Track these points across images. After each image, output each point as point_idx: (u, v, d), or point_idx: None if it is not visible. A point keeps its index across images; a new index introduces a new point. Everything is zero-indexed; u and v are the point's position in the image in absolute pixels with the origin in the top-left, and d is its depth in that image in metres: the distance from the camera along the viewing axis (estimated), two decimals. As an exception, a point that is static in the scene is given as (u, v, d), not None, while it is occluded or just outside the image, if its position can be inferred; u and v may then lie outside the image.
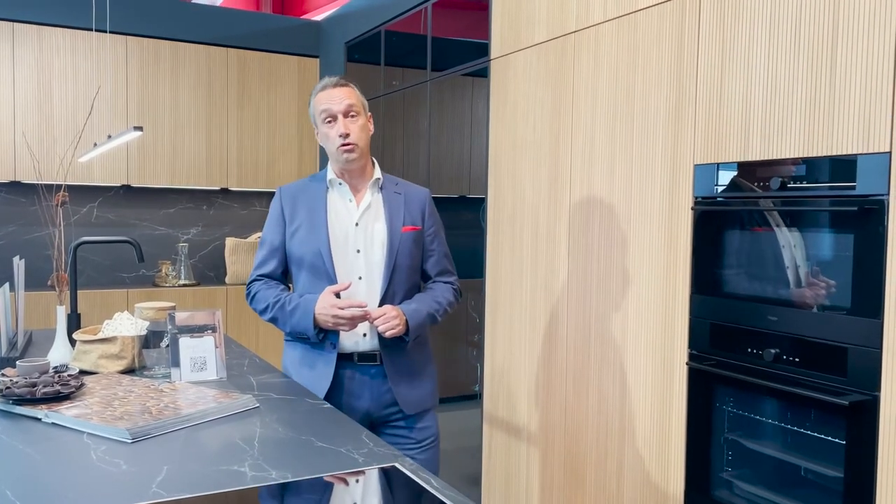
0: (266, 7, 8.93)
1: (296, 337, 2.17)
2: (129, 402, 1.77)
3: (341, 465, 1.42)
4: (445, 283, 2.25)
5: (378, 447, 1.53)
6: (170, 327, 2.09)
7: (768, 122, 1.96)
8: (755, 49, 2.00)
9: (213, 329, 2.12)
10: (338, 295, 2.04)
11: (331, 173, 2.17)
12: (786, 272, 1.95)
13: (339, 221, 2.13)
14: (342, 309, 1.99)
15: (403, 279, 2.14)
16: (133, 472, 1.36)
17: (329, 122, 2.11)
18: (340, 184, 2.16)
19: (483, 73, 3.27)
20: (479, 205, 3.35)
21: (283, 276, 2.22)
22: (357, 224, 2.13)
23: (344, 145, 2.09)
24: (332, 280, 2.08)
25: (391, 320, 2.01)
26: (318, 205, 2.14)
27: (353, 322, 2.01)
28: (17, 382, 1.78)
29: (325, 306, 2.01)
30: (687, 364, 2.21)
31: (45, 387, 1.77)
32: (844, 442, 1.80)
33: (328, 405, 1.87)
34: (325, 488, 1.35)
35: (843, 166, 1.78)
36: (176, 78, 4.88)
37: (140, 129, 2.85)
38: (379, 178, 2.18)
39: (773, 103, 1.95)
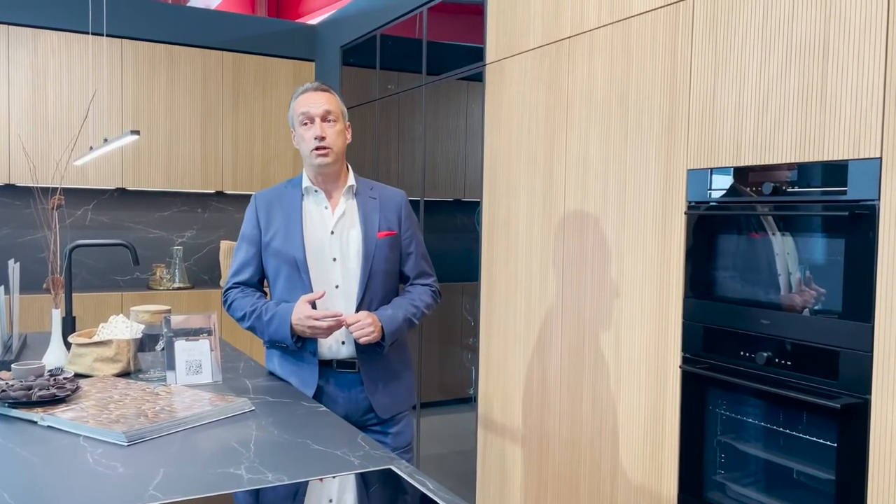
0: (261, 11, 8.93)
1: (274, 345, 2.18)
2: (124, 405, 1.78)
3: (337, 468, 1.43)
4: (423, 285, 2.26)
5: (374, 450, 1.54)
6: (165, 330, 2.09)
7: (761, 128, 1.98)
8: (748, 54, 2.02)
9: (209, 332, 2.13)
10: (313, 304, 2.05)
11: (306, 180, 2.17)
12: (778, 276, 1.97)
13: (315, 229, 2.14)
14: (318, 319, 2.00)
15: (380, 285, 2.15)
16: (129, 474, 1.37)
17: (306, 124, 2.11)
18: (316, 191, 2.17)
19: (478, 78, 3.28)
20: (474, 208, 3.36)
21: (260, 283, 2.23)
22: (332, 232, 2.14)
23: (318, 148, 2.09)
24: (307, 288, 2.09)
25: (366, 327, 2.02)
26: (293, 212, 2.15)
27: (329, 331, 2.03)
28: (12, 385, 1.78)
29: (300, 316, 2.02)
30: (680, 367, 2.22)
31: (40, 390, 1.77)
32: (836, 444, 1.82)
33: (323, 408, 1.88)
34: (321, 491, 1.36)
35: (835, 171, 1.79)
36: (171, 81, 4.88)
37: (137, 132, 2.85)
38: (353, 185, 2.18)
39: (765, 108, 1.97)
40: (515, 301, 3.03)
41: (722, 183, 2.10)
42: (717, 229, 2.13)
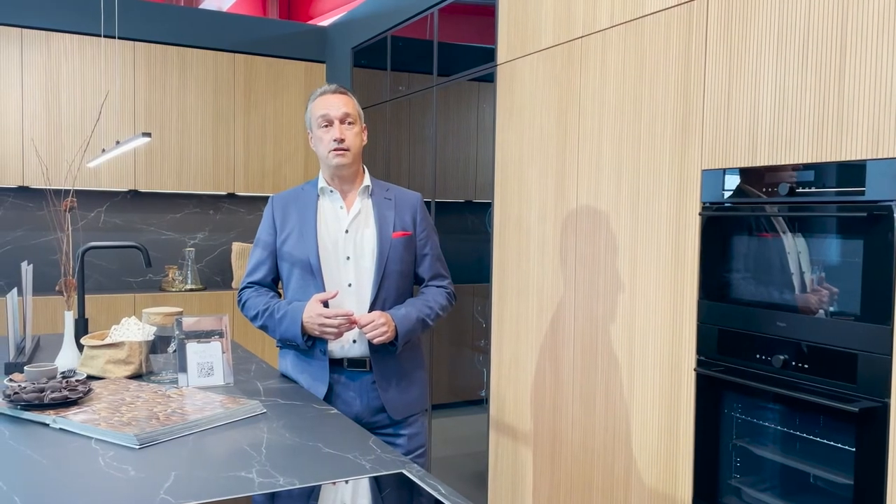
0: (273, 13, 8.96)
1: (286, 344, 2.18)
2: (136, 407, 1.78)
3: (348, 472, 1.42)
4: (438, 286, 2.25)
5: (385, 453, 1.53)
6: (177, 332, 2.09)
7: (777, 127, 1.96)
8: (764, 52, 2.00)
9: (220, 334, 2.12)
10: (326, 304, 2.05)
11: (322, 181, 2.19)
12: (794, 278, 1.94)
13: (329, 229, 2.14)
14: (329, 318, 2.00)
15: (393, 285, 2.15)
16: (141, 478, 1.36)
17: (325, 126, 2.13)
18: (332, 191, 2.17)
19: (489, 79, 3.27)
20: (485, 210, 3.34)
21: (274, 283, 2.25)
22: (347, 231, 2.14)
23: (337, 149, 2.10)
24: (320, 288, 2.10)
25: (379, 327, 2.01)
26: (308, 212, 2.16)
27: (339, 331, 2.03)
28: (25, 388, 1.78)
29: (311, 315, 2.03)
30: (695, 370, 2.20)
31: (52, 392, 1.77)
32: (854, 449, 1.79)
33: (335, 410, 1.87)
34: (332, 495, 1.35)
35: (852, 172, 1.77)
36: (183, 83, 4.90)
37: (148, 135, 2.86)
38: (368, 186, 2.19)
39: (781, 107, 1.95)
40: (527, 302, 3.01)
41: (737, 183, 2.08)
42: (732, 230, 2.10)
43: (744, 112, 2.05)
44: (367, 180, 2.19)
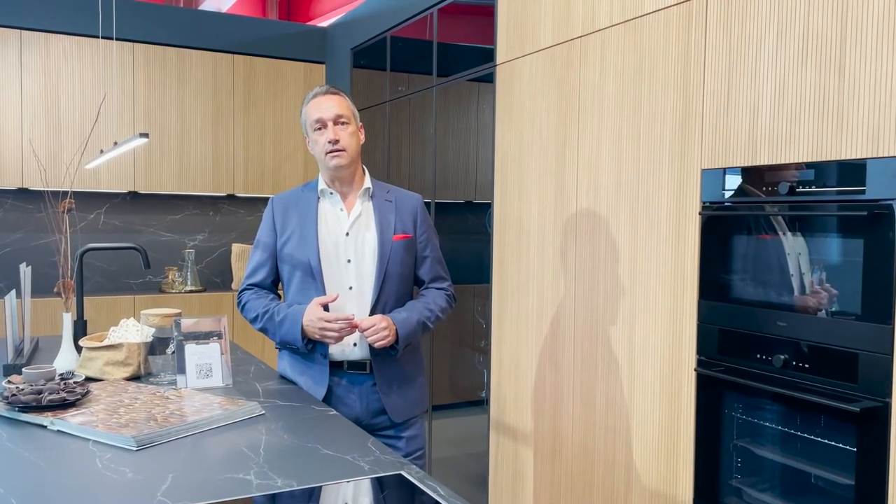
0: (272, 13, 8.96)
1: (285, 347, 2.18)
2: (134, 409, 1.77)
3: (347, 473, 1.42)
4: (438, 289, 2.25)
5: (384, 455, 1.52)
6: (175, 334, 2.08)
7: (777, 126, 1.95)
8: (763, 51, 1.99)
9: (219, 335, 2.12)
10: (326, 307, 2.04)
11: (322, 183, 2.18)
12: (795, 277, 1.93)
13: (330, 231, 2.14)
14: (330, 322, 1.99)
15: (394, 288, 2.14)
16: (138, 480, 1.36)
17: (319, 129, 2.12)
18: (331, 193, 2.17)
19: (489, 79, 3.26)
20: (485, 210, 3.34)
21: (274, 284, 2.24)
22: (347, 234, 2.13)
23: (332, 151, 2.09)
24: (320, 291, 2.09)
25: (380, 332, 2.01)
26: (308, 214, 2.15)
27: (340, 335, 2.02)
28: (22, 389, 1.78)
29: (312, 318, 2.02)
30: (695, 370, 2.19)
31: (50, 394, 1.77)
32: (855, 449, 1.78)
33: (333, 412, 1.87)
34: (330, 496, 1.34)
35: (853, 171, 1.76)
36: (182, 84, 4.90)
37: (146, 135, 2.86)
38: (369, 188, 2.18)
39: (781, 106, 1.94)
40: (527, 303, 3.00)
41: (737, 183, 2.07)
42: (733, 230, 2.10)
43: (743, 112, 2.04)
44: (367, 182, 2.18)
